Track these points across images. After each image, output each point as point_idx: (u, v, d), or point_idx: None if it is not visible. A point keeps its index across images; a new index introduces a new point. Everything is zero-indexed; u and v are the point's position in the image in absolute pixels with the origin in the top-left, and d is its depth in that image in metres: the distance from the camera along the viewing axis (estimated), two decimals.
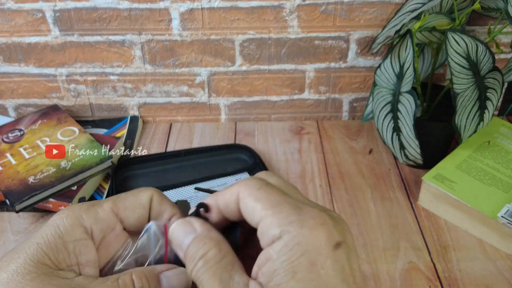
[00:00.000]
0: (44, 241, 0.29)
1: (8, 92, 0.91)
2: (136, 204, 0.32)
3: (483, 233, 0.68)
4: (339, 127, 0.93)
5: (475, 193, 0.70)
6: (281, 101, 0.93)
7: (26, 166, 0.75)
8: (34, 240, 0.29)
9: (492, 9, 0.73)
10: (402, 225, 0.71)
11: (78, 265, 0.29)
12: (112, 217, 0.31)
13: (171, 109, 0.94)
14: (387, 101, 0.75)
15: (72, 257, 0.29)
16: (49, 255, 0.28)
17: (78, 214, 0.30)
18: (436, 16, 0.71)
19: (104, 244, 0.31)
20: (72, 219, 0.30)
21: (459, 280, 0.63)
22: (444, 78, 0.90)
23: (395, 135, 0.76)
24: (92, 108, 0.93)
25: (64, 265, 0.29)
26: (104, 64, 0.88)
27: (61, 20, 0.83)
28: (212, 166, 0.82)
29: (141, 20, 0.83)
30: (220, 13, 0.82)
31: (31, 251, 0.28)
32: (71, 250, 0.29)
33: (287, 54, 0.87)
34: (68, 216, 0.30)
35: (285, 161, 0.84)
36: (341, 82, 0.90)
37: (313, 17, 0.83)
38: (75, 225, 0.29)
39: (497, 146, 0.78)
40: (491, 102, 0.70)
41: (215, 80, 0.90)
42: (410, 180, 0.80)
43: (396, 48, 0.74)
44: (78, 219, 0.30)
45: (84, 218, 0.30)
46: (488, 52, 0.67)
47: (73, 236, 0.29)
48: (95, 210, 0.31)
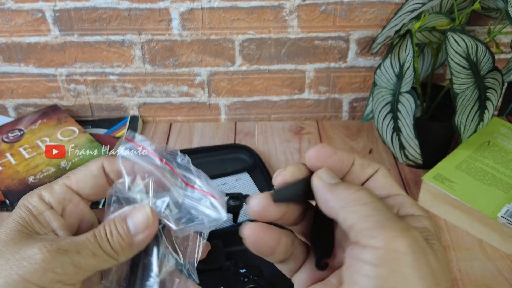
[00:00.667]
0: (19, 217, 0.33)
1: (8, 92, 0.91)
2: (87, 175, 0.36)
3: (483, 233, 0.68)
4: (339, 127, 0.93)
5: (475, 193, 0.70)
6: (281, 101, 0.93)
7: (26, 166, 0.75)
8: (9, 219, 0.33)
9: (492, 9, 0.73)
10: None
11: (53, 231, 0.33)
12: (66, 190, 0.35)
13: (171, 109, 0.94)
14: (387, 101, 0.75)
15: (46, 225, 0.33)
16: (26, 226, 0.32)
17: (38, 192, 0.34)
18: (436, 16, 0.71)
19: (66, 215, 0.35)
20: (35, 197, 0.34)
21: (459, 280, 0.63)
22: (444, 78, 0.90)
23: (395, 135, 0.76)
24: (92, 108, 0.93)
25: (42, 233, 0.33)
26: (104, 64, 0.88)
27: (61, 20, 0.83)
28: (212, 166, 0.82)
29: (141, 20, 0.83)
30: (220, 13, 0.82)
31: (9, 225, 0.32)
32: (42, 220, 0.33)
33: (287, 54, 0.87)
34: (32, 196, 0.34)
35: (285, 161, 0.84)
36: (341, 82, 0.90)
37: (313, 17, 0.83)
38: (38, 200, 0.34)
39: (497, 146, 0.78)
40: (491, 102, 0.70)
41: (215, 80, 0.90)
42: (410, 180, 0.80)
43: (396, 48, 0.74)
44: (39, 196, 0.34)
45: (43, 195, 0.34)
46: (488, 52, 0.67)
47: (39, 210, 0.33)
48: (51, 187, 0.35)
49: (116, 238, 0.33)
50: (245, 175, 0.78)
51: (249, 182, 0.77)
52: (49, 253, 0.30)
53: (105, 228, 0.33)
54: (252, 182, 0.77)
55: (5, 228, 0.32)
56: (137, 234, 0.33)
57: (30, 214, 0.33)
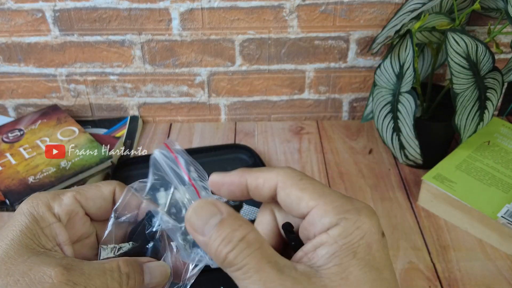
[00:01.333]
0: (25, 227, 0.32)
1: (8, 92, 0.91)
2: (98, 196, 0.36)
3: (483, 233, 0.68)
4: (339, 127, 0.93)
5: (475, 193, 0.70)
6: (281, 101, 0.93)
7: (26, 166, 0.75)
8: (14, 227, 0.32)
9: (492, 9, 0.73)
10: (402, 225, 0.71)
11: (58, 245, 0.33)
12: (74, 203, 0.35)
13: (171, 109, 0.94)
14: (387, 101, 0.75)
15: (52, 239, 0.32)
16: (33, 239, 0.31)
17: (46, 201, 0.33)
18: (436, 16, 0.71)
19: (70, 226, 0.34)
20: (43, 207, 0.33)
21: (459, 280, 0.63)
22: (444, 78, 0.90)
23: (395, 135, 0.76)
24: (92, 108, 0.93)
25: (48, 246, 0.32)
26: (104, 64, 0.88)
27: (61, 20, 0.83)
28: (212, 166, 0.82)
29: (141, 20, 0.83)
30: (220, 13, 0.82)
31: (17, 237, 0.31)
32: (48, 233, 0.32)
33: (287, 54, 0.87)
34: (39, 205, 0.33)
35: (285, 161, 0.84)
36: (341, 82, 0.90)
37: (313, 17, 0.83)
38: (46, 211, 0.33)
39: (497, 146, 0.78)
40: (491, 102, 0.70)
41: (215, 80, 0.90)
42: (410, 180, 0.80)
43: (396, 48, 0.74)
44: (47, 206, 0.33)
45: (52, 205, 0.33)
46: (488, 52, 0.67)
47: (47, 222, 0.33)
48: (59, 198, 0.34)
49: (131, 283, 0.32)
50: None
51: None
52: (60, 284, 0.29)
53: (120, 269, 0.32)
54: None
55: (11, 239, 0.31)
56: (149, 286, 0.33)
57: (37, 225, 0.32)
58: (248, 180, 0.32)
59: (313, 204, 0.29)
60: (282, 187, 0.31)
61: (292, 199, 0.30)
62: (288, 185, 0.30)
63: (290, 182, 0.31)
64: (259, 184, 0.32)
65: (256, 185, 0.32)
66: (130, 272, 0.32)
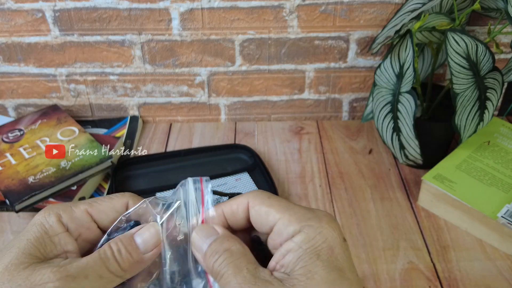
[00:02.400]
0: (33, 237, 0.33)
1: (8, 92, 0.91)
2: (110, 208, 0.36)
3: (483, 233, 0.68)
4: (339, 127, 0.93)
5: (475, 193, 0.70)
6: (281, 101, 0.93)
7: (26, 166, 0.75)
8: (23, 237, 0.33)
9: (492, 9, 0.73)
10: (402, 225, 0.71)
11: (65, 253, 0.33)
12: (86, 217, 0.35)
13: (171, 109, 0.94)
14: (387, 101, 0.75)
15: (59, 247, 0.33)
16: (38, 248, 0.32)
17: (57, 212, 0.34)
18: (436, 16, 0.71)
19: (81, 239, 0.35)
20: (54, 217, 0.34)
21: (459, 280, 0.63)
22: (444, 78, 0.90)
23: (395, 135, 0.76)
24: (92, 108, 0.93)
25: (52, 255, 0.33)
26: (104, 64, 0.88)
27: (61, 20, 0.83)
28: (212, 166, 0.82)
29: (141, 20, 0.83)
30: (220, 13, 0.82)
31: (22, 245, 0.32)
32: (56, 242, 0.33)
33: (287, 54, 0.87)
34: (50, 215, 0.34)
35: (285, 161, 0.84)
36: (341, 82, 0.90)
37: (313, 17, 0.83)
38: (56, 222, 0.34)
39: (497, 146, 0.78)
40: (491, 102, 0.70)
41: (215, 80, 0.90)
42: (410, 180, 0.80)
43: (396, 48, 0.74)
44: (58, 217, 0.34)
45: (63, 216, 0.34)
46: (488, 52, 0.67)
47: (56, 231, 0.34)
48: (71, 210, 0.35)
49: (125, 256, 0.33)
50: (245, 175, 0.78)
51: (249, 182, 0.77)
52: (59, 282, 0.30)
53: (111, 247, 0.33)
54: (252, 182, 0.77)
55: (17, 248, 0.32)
56: (146, 251, 0.34)
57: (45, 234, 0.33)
58: (224, 210, 0.36)
59: (279, 217, 0.33)
60: (252, 206, 0.35)
61: (261, 215, 0.34)
62: (258, 203, 0.34)
63: (259, 201, 0.34)
64: (233, 210, 0.35)
65: (231, 212, 0.35)
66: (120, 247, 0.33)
